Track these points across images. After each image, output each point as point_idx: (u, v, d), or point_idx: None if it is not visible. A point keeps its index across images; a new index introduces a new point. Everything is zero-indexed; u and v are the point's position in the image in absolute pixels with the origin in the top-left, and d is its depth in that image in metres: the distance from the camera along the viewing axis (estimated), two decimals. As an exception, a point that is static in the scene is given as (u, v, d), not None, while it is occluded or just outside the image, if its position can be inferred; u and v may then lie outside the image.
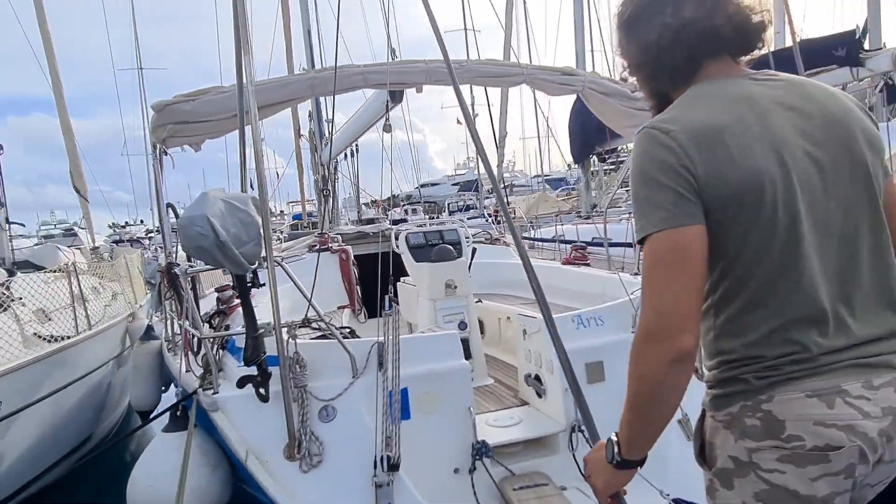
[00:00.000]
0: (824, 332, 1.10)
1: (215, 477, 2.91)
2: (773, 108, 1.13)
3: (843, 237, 1.13)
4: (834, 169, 1.13)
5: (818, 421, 1.06)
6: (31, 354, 4.19)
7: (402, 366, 3.04)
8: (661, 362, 1.08)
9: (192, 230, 2.47)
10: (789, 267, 1.10)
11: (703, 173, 1.07)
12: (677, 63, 1.21)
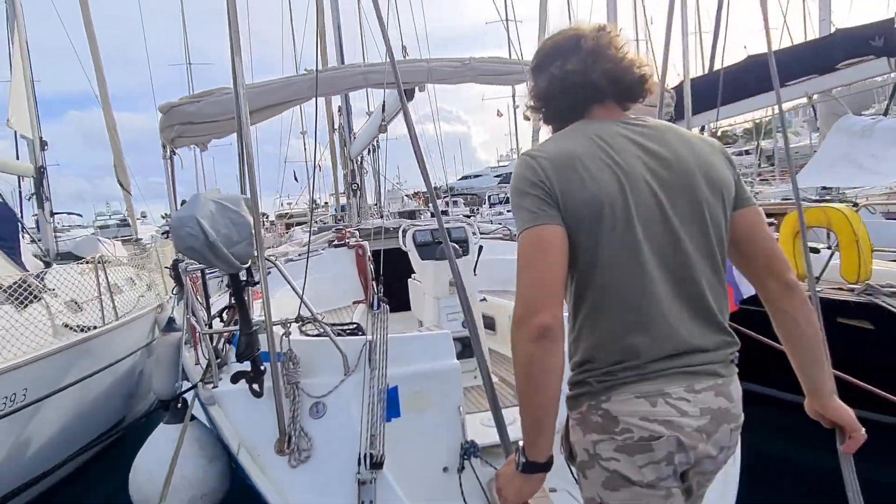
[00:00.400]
0: (655, 341, 1.30)
1: (212, 468, 3.00)
2: (628, 147, 1.36)
3: (677, 261, 1.33)
4: (672, 203, 1.33)
5: (643, 416, 1.26)
6: (57, 344, 4.38)
7: (394, 364, 3.07)
8: (528, 342, 1.23)
9: (182, 231, 2.54)
10: (627, 280, 1.31)
11: (559, 191, 1.30)
12: (563, 107, 1.47)
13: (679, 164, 1.36)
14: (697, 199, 1.35)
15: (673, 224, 1.33)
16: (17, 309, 4.52)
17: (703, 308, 1.34)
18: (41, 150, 7.91)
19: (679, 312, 1.32)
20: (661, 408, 1.26)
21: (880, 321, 3.89)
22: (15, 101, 7.67)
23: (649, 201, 1.32)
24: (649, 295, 1.30)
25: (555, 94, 1.46)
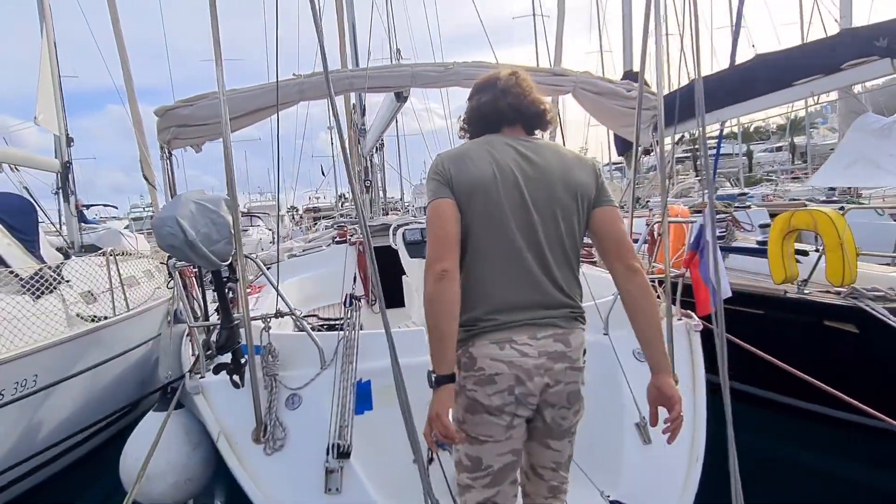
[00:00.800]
0: (508, 301, 1.75)
1: (196, 455, 3.17)
2: (508, 151, 1.84)
3: (532, 240, 1.77)
4: (531, 195, 1.79)
5: (492, 358, 1.73)
6: (67, 333, 4.63)
7: (369, 359, 3.21)
8: (431, 282, 1.69)
9: (163, 230, 2.71)
10: (491, 248, 1.76)
11: (451, 174, 1.79)
12: (479, 127, 1.98)
13: (544, 169, 1.83)
14: (553, 197, 1.80)
15: (531, 210, 1.78)
16: (33, 299, 4.78)
17: (549, 278, 1.79)
18: (67, 147, 8.24)
19: (529, 279, 1.77)
20: (506, 351, 1.73)
21: (864, 325, 3.88)
22: (42, 99, 7.98)
23: (514, 190, 1.78)
24: (507, 262, 1.77)
25: (474, 118, 2.00)
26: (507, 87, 1.91)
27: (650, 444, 3.04)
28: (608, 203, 1.87)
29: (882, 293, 3.95)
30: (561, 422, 1.83)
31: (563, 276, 1.81)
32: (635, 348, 3.42)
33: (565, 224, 1.81)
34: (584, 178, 1.85)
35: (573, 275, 1.85)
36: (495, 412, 1.74)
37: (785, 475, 4.32)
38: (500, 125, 1.93)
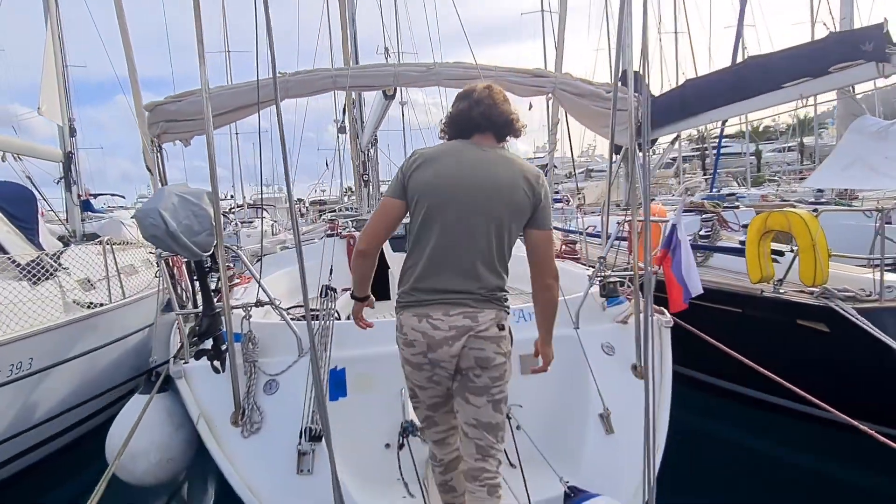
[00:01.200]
0: (432, 282, 2.14)
1: (178, 436, 3.31)
2: (467, 163, 2.16)
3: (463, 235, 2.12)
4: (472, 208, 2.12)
5: (412, 327, 2.15)
6: (62, 318, 4.77)
7: (344, 348, 3.34)
8: (354, 255, 2.33)
9: (146, 221, 2.84)
10: (425, 243, 2.15)
11: (408, 178, 2.18)
12: (453, 131, 2.30)
13: (490, 184, 2.13)
14: (489, 209, 2.12)
15: (466, 217, 2.11)
16: (31, 285, 4.93)
17: (470, 271, 2.12)
18: (70, 137, 8.39)
19: (452, 270, 2.13)
20: (423, 324, 2.13)
21: (834, 324, 3.97)
22: (46, 89, 8.13)
23: (456, 199, 2.11)
24: (437, 254, 2.13)
25: (451, 124, 2.31)
26: (480, 98, 2.22)
27: (613, 433, 3.15)
28: (543, 227, 2.20)
29: (853, 294, 4.04)
30: (475, 379, 2.15)
31: (484, 271, 2.15)
32: (604, 342, 3.55)
33: (496, 232, 2.14)
34: (523, 201, 2.15)
35: (496, 270, 2.18)
36: (416, 367, 2.22)
37: (752, 464, 4.51)
38: (471, 132, 2.24)
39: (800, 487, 4.20)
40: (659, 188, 21.85)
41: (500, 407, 2.21)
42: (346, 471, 2.99)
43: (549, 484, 2.85)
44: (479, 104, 2.20)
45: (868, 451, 2.87)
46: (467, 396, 2.18)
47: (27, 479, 4.60)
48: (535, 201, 2.15)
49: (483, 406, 2.17)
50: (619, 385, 3.36)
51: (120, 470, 3.26)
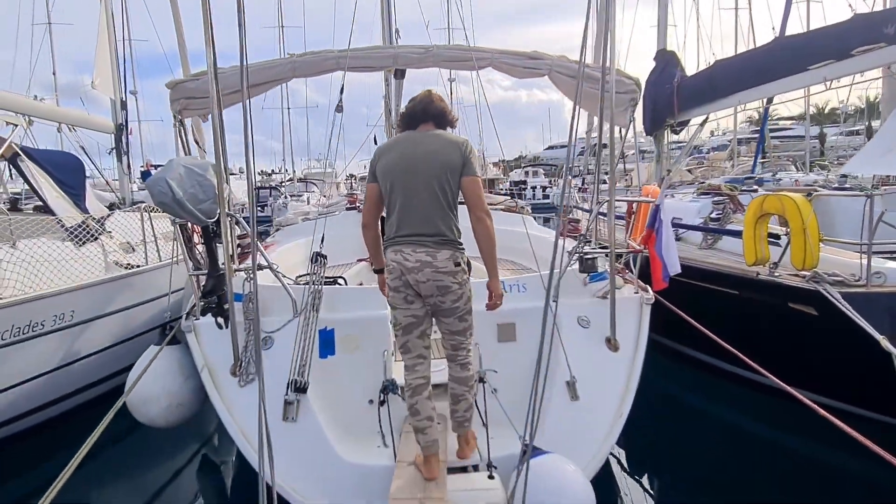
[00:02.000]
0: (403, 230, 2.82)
1: (187, 385, 3.69)
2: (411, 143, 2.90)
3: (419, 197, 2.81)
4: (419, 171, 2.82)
5: (392, 259, 2.84)
6: (102, 276, 5.26)
7: (334, 311, 3.63)
8: (363, 229, 3.11)
9: (155, 189, 3.18)
10: (395, 206, 2.86)
11: (376, 165, 2.95)
12: (404, 125, 3.04)
13: (428, 152, 2.84)
14: (431, 170, 2.81)
15: (417, 180, 2.81)
16: (76, 246, 5.43)
17: (427, 219, 2.80)
18: (122, 110, 8.94)
19: (415, 220, 2.81)
20: (398, 256, 2.81)
21: (823, 308, 4.02)
22: (100, 64, 8.67)
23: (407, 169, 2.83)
24: (403, 210, 2.83)
25: (402, 119, 3.08)
26: (421, 98, 3.01)
27: (578, 400, 3.35)
28: (469, 174, 2.86)
29: (841, 279, 4.07)
30: (440, 304, 2.86)
31: (438, 218, 2.81)
32: (581, 315, 3.73)
33: (439, 187, 2.81)
34: (453, 159, 2.84)
35: (446, 217, 2.83)
36: (394, 290, 2.87)
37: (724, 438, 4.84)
38: (417, 123, 2.98)
39: (765, 461, 4.35)
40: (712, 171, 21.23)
41: (464, 318, 2.96)
42: (330, 421, 3.31)
43: (511, 443, 3.08)
44: (420, 103, 2.98)
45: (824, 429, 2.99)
46: (440, 318, 2.95)
47: (65, 423, 5.13)
48: (462, 158, 2.85)
49: (452, 321, 2.94)
50: (590, 356, 3.55)
51: (135, 412, 3.69)
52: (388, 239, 2.93)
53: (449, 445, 3.19)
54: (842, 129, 34.01)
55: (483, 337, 3.65)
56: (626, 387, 3.47)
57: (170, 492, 4.33)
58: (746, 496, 3.93)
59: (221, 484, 4.56)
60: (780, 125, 34.81)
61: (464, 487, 2.81)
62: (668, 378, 6.18)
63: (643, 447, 4.67)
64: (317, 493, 2.98)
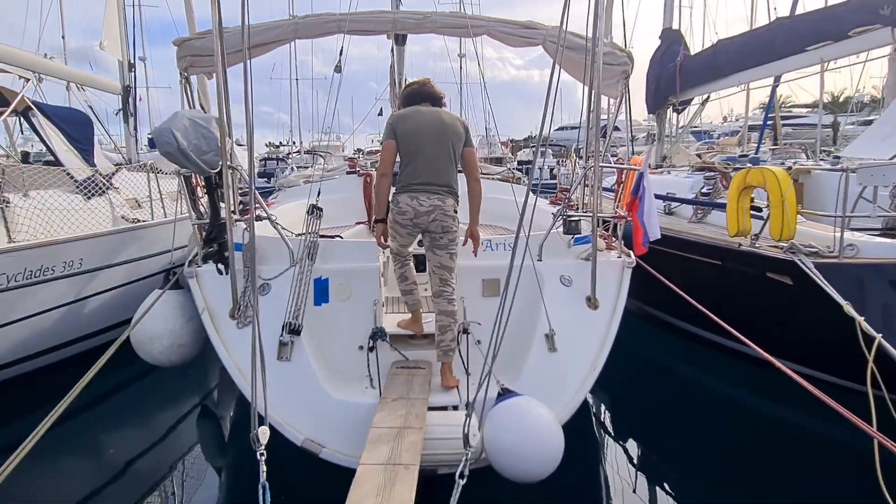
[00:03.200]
0: (419, 180, 3.50)
1: (188, 326, 3.91)
2: (423, 115, 3.57)
3: (434, 156, 3.51)
4: (433, 137, 3.52)
5: (406, 203, 3.50)
6: (109, 228, 5.47)
7: (329, 261, 3.83)
8: (378, 178, 3.68)
9: (161, 138, 3.35)
10: (413, 160, 3.52)
11: (396, 127, 3.54)
12: (407, 102, 3.76)
13: (440, 124, 3.54)
14: (442, 137, 3.52)
15: (431, 143, 3.50)
16: (84, 199, 5.63)
17: (438, 174, 3.49)
18: (129, 72, 9.09)
19: (428, 173, 3.47)
20: (414, 201, 3.47)
21: (797, 277, 4.19)
22: (108, 27, 8.81)
23: (423, 134, 3.49)
24: (419, 165, 3.48)
25: (405, 98, 3.79)
26: (422, 84, 3.78)
27: (556, 352, 3.55)
28: (470, 146, 3.69)
29: (816, 250, 4.23)
30: (439, 239, 3.56)
31: (448, 174, 3.55)
32: (563, 274, 3.92)
33: (451, 150, 3.56)
34: (460, 132, 3.62)
35: (453, 174, 3.58)
36: (402, 226, 3.57)
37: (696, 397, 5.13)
38: (419, 102, 3.67)
39: (735, 422, 4.59)
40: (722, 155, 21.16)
41: (453, 256, 3.60)
42: (322, 363, 3.52)
43: (490, 389, 3.29)
44: (421, 86, 3.75)
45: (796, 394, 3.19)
46: (435, 251, 3.59)
47: (75, 365, 5.37)
48: (465, 131, 3.65)
49: (443, 255, 3.57)
50: (570, 312, 3.74)
51: (139, 350, 3.92)
52: (403, 185, 3.54)
53: (433, 387, 3.42)
54: (856, 119, 33.71)
55: (469, 291, 3.86)
56: (603, 342, 3.66)
57: (171, 428, 4.63)
58: (714, 454, 4.17)
59: (218, 420, 4.85)
60: (793, 112, 34.64)
61: (442, 423, 3.02)
62: (649, 343, 6.45)
63: (616, 403, 4.95)
64: (306, 425, 3.20)
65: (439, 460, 2.96)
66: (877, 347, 3.33)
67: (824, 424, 4.23)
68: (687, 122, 10.02)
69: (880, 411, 3.15)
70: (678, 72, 8.79)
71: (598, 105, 3.74)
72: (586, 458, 4.14)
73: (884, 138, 7.47)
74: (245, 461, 4.31)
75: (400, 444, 2.74)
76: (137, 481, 3.90)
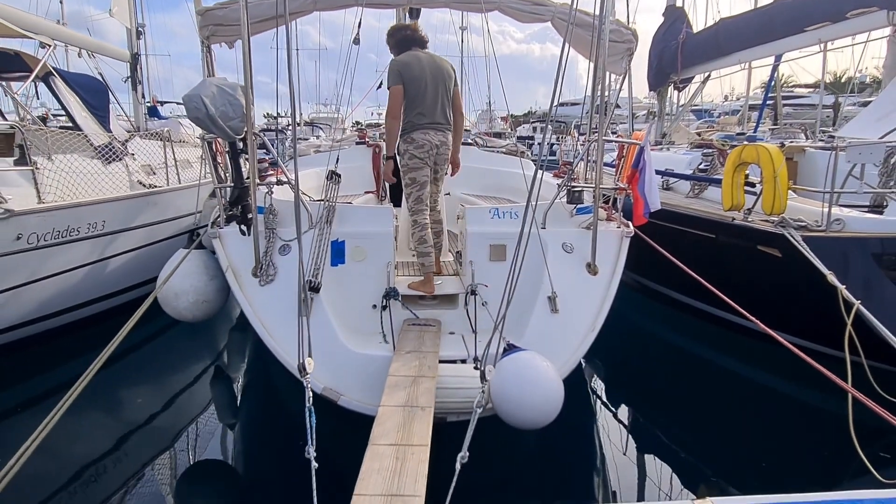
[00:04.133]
0: (427, 119, 4.14)
1: (212, 284, 4.15)
2: (423, 58, 4.15)
3: (436, 96, 4.15)
4: (433, 79, 4.13)
5: (422, 138, 4.16)
6: (129, 192, 5.68)
7: (344, 225, 4.06)
8: (390, 119, 4.17)
9: (191, 104, 3.55)
10: (420, 103, 4.11)
11: (402, 73, 4.07)
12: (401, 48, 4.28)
13: (437, 67, 4.18)
14: (440, 79, 4.15)
15: (431, 84, 4.10)
16: (103, 164, 5.83)
17: (441, 112, 4.18)
18: (137, 39, 9.17)
19: (433, 113, 4.14)
20: (428, 136, 4.15)
21: (786, 250, 4.43)
22: (118, -7, 8.87)
23: (425, 76, 4.09)
24: (425, 105, 4.10)
25: (398, 44, 4.29)
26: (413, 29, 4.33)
27: (557, 313, 3.81)
28: (456, 85, 4.30)
29: (805, 224, 4.47)
30: (438, 171, 4.35)
31: (445, 112, 4.20)
32: (565, 242, 4.15)
33: (448, 91, 4.19)
34: (450, 72, 4.23)
35: (449, 112, 4.24)
36: (420, 158, 4.16)
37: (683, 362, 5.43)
38: (410, 46, 4.22)
39: (727, 388, 4.89)
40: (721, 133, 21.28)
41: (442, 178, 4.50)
42: (338, 320, 3.77)
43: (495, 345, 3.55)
44: (415, 32, 4.29)
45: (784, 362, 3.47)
46: (436, 181, 4.38)
47: (98, 323, 5.65)
48: (453, 73, 4.29)
49: (440, 184, 4.46)
50: (571, 277, 3.99)
51: (166, 305, 4.16)
52: (415, 125, 4.11)
53: (442, 343, 3.67)
54: (857, 100, 33.66)
55: (477, 256, 4.09)
56: (601, 305, 3.91)
57: (196, 378, 4.96)
58: (698, 412, 4.47)
59: (238, 372, 5.17)
60: (795, 93, 34.66)
61: (451, 374, 3.29)
62: (643, 312, 6.74)
63: (611, 363, 5.27)
64: (325, 375, 3.46)
65: (449, 408, 3.23)
66: (855, 314, 3.58)
67: (804, 388, 4.54)
68: (687, 100, 10.15)
69: (857, 375, 3.44)
70: (680, 49, 8.92)
71: (603, 81, 3.93)
72: (584, 410, 4.46)
73: (878, 118, 7.68)
74: (264, 406, 4.65)
75: (416, 390, 3.00)
76: (163, 428, 4.21)
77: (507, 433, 3.19)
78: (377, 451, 2.47)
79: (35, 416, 2.58)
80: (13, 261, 4.56)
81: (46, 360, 5.05)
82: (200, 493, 3.56)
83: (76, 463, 3.67)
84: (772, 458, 3.75)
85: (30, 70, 5.92)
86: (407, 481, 2.22)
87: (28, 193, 4.68)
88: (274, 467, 3.69)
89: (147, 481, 3.56)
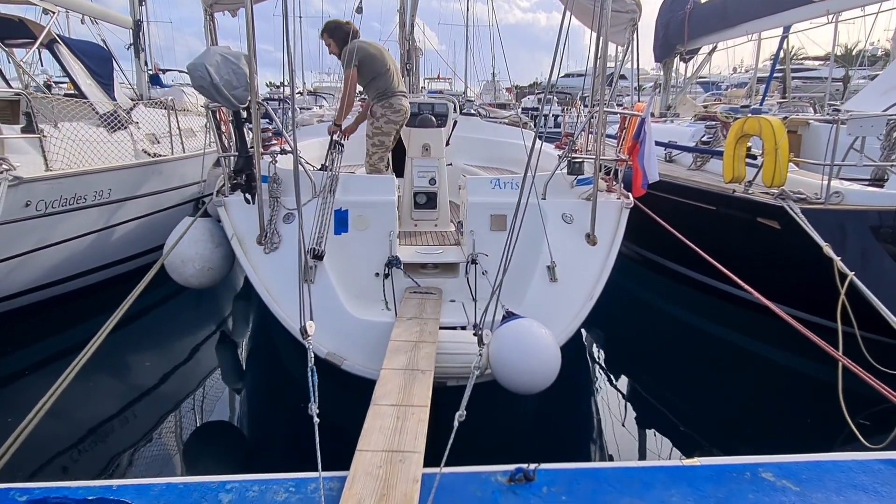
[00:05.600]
0: (395, 88, 4.97)
1: (218, 251, 4.23)
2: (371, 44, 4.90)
3: (395, 72, 5.00)
4: (387, 58, 4.94)
5: (399, 103, 4.94)
6: (134, 161, 5.73)
7: (348, 194, 4.11)
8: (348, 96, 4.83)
9: (195, 73, 3.58)
10: (384, 75, 4.90)
11: (361, 58, 4.77)
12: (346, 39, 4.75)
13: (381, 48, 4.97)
14: (391, 57, 5.05)
15: (390, 61, 4.96)
16: (108, 132, 5.86)
17: (402, 82, 5.10)
18: (140, 6, 9.11)
19: (398, 82, 5.00)
20: (401, 101, 4.95)
21: (785, 222, 4.48)
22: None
23: (382, 55, 4.90)
24: (394, 79, 4.95)
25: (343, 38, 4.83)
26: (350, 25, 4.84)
27: (556, 282, 3.88)
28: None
29: (804, 196, 4.50)
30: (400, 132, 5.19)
31: (403, 82, 5.06)
32: (565, 212, 4.20)
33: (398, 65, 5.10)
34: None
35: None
36: (394, 122, 4.90)
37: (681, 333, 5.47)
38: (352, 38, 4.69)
39: (722, 358, 4.98)
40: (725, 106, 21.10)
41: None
42: (342, 287, 3.84)
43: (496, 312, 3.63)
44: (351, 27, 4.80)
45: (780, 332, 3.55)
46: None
47: (106, 290, 5.75)
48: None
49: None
50: (571, 246, 4.05)
51: (172, 272, 4.24)
52: (386, 92, 4.86)
53: (442, 311, 3.75)
54: (868, 73, 33.18)
55: (478, 226, 4.15)
56: (600, 275, 3.98)
57: (202, 342, 5.08)
58: (693, 379, 4.57)
59: (243, 337, 5.29)
60: (805, 65, 34.22)
61: (451, 339, 3.37)
62: (640, 282, 6.83)
63: (608, 331, 5.38)
64: (329, 340, 3.55)
65: (449, 373, 3.32)
66: (849, 284, 3.65)
67: (798, 357, 4.63)
68: (694, 71, 10.08)
69: (851, 345, 3.51)
70: (687, 20, 8.84)
71: (605, 52, 3.93)
72: (581, 376, 4.58)
73: (884, 91, 7.65)
74: (269, 369, 4.78)
75: (416, 355, 3.10)
76: (170, 391, 4.34)
77: (505, 397, 3.29)
78: (379, 410, 2.56)
79: (46, 379, 2.68)
80: (22, 227, 4.63)
81: (56, 325, 5.17)
82: (207, 452, 3.69)
83: (86, 425, 3.80)
84: (761, 423, 3.86)
85: (33, 37, 5.91)
86: (407, 438, 2.32)
87: (35, 161, 4.72)
88: (279, 427, 3.82)
89: (155, 442, 3.69)
